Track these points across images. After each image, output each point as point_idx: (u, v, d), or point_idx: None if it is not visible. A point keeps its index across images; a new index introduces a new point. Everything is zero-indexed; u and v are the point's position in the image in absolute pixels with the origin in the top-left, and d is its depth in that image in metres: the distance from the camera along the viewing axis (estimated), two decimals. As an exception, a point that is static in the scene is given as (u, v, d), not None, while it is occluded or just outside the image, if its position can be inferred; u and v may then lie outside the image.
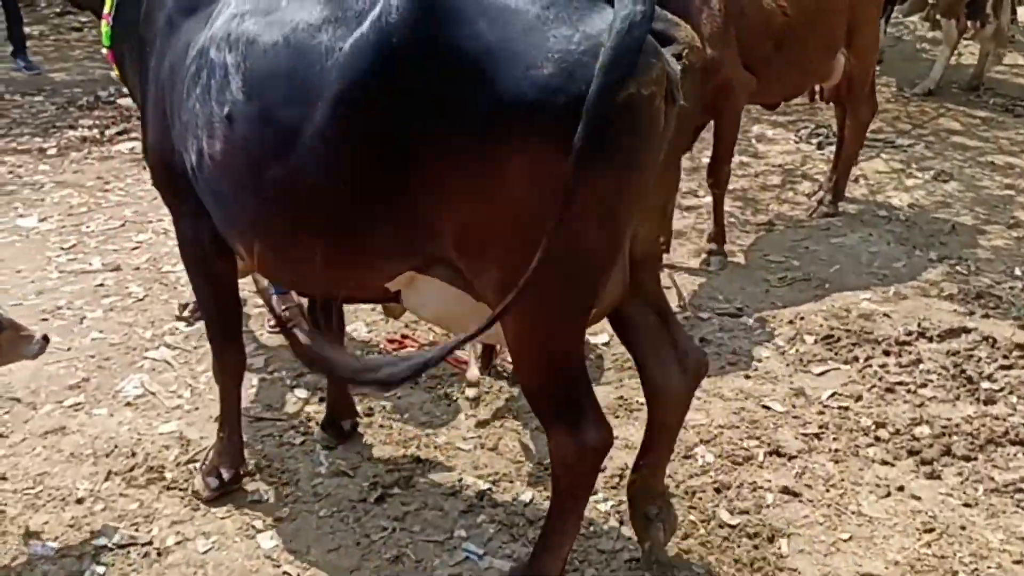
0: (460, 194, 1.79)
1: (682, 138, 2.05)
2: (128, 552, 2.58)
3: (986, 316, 4.06)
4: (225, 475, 2.73)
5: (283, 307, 3.26)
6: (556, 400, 1.99)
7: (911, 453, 3.18)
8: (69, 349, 3.53)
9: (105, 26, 2.47)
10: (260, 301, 3.53)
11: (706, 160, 4.64)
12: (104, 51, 2.55)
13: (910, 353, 3.75)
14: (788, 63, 4.33)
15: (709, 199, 4.71)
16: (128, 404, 3.23)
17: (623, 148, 1.71)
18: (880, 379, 3.58)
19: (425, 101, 1.74)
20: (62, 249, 4.44)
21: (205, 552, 2.59)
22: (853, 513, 2.88)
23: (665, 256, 3.69)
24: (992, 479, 3.05)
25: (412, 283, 2.04)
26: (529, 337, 1.93)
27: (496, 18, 1.69)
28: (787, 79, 4.50)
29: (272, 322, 3.53)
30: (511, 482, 2.92)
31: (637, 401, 3.25)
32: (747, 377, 3.57)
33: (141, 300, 3.93)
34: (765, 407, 3.39)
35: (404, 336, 3.63)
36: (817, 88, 5.08)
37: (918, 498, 2.96)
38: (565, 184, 1.65)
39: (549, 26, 1.68)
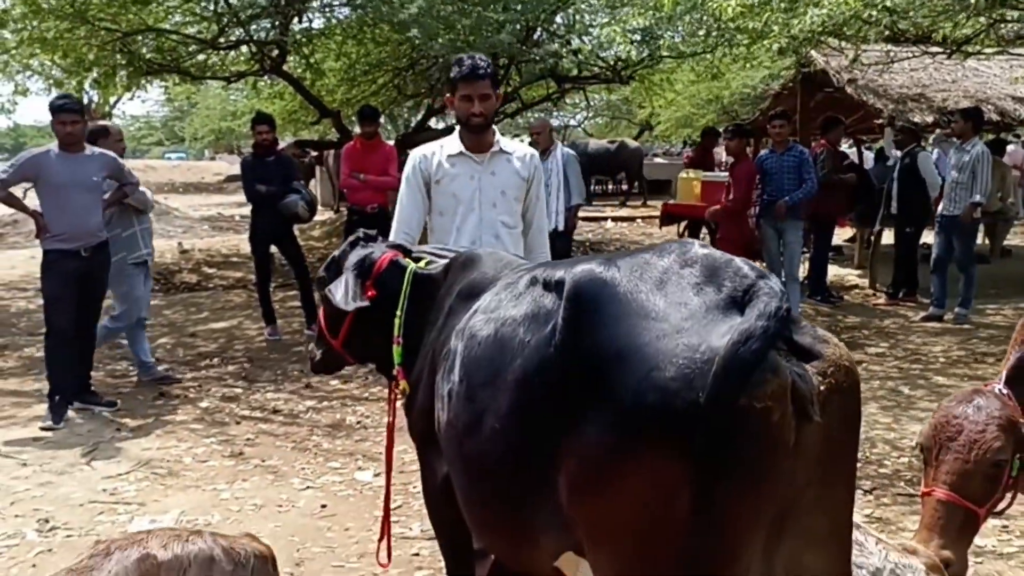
0: (584, 485, 1.86)
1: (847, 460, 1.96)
2: None
3: None
4: None
5: None
6: None
7: None
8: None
9: (397, 348, 2.80)
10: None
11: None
12: (396, 369, 2.82)
13: None
14: None
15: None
16: None
17: (736, 457, 1.69)
18: None
19: (570, 394, 1.87)
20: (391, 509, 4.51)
21: None
22: None
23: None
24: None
25: (579, 570, 2.09)
26: None
27: (635, 324, 1.79)
28: None
29: None
30: None
31: None
32: None
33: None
34: None
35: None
36: None
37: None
38: (679, 488, 1.69)
39: (683, 335, 1.73)
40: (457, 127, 3.83)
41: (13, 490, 4.69)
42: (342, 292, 2.87)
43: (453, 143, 3.75)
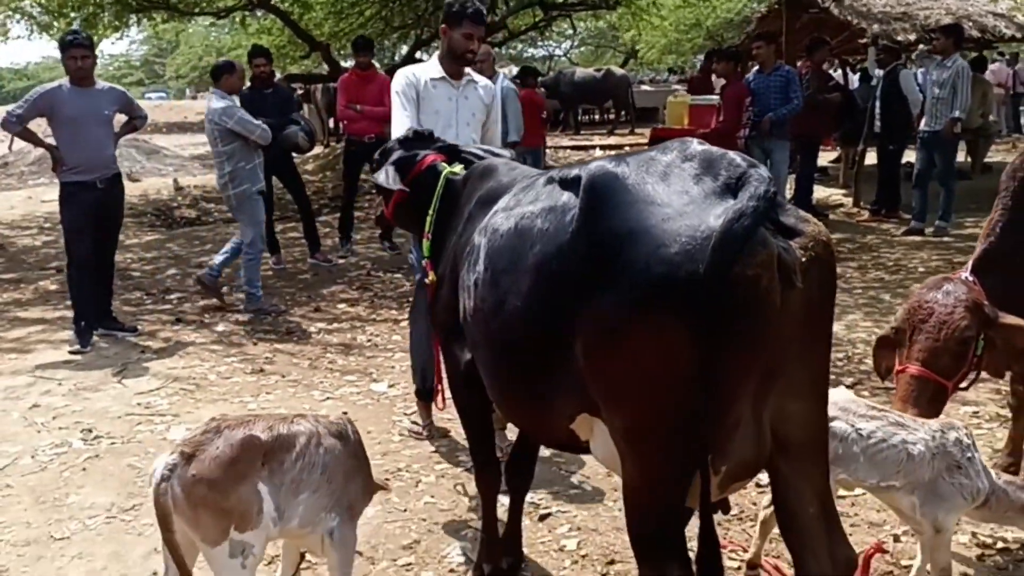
0: (600, 350, 2.12)
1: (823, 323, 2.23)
2: None
3: None
4: (487, 570, 3.26)
5: None
6: (646, 540, 2.22)
7: None
8: (405, 511, 3.82)
9: (427, 242, 3.18)
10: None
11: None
12: (424, 262, 3.20)
13: None
14: None
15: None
16: (451, 571, 3.42)
17: (731, 319, 1.95)
18: None
19: (586, 272, 2.13)
20: (405, 415, 4.85)
21: None
22: None
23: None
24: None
25: (593, 430, 2.36)
26: (633, 480, 2.22)
27: (643, 210, 2.08)
28: None
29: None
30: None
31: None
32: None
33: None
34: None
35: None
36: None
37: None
38: (683, 347, 1.96)
39: (684, 217, 2.02)
40: (435, 56, 4.45)
41: (53, 406, 5.00)
42: (384, 176, 3.32)
43: (434, 68, 4.36)
